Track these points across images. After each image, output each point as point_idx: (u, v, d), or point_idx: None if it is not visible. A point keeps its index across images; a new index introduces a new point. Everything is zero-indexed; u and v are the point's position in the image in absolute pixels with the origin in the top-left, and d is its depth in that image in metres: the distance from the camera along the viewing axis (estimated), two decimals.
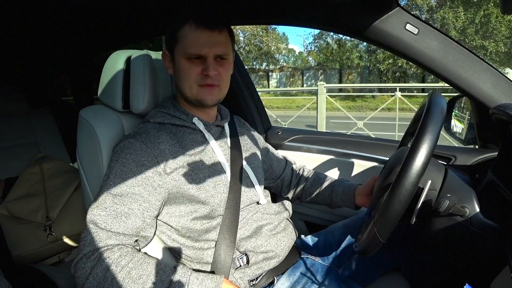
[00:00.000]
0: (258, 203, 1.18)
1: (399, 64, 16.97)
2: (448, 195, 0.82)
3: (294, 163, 1.49)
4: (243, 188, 1.13)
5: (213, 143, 1.11)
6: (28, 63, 2.44)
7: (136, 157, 0.97)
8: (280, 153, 1.50)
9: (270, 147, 1.45)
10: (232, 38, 1.11)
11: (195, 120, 1.11)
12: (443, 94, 0.95)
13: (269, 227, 1.14)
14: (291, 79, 23.15)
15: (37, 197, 1.93)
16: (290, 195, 1.45)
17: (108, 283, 0.83)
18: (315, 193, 1.38)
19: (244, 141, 1.27)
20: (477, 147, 1.33)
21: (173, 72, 1.11)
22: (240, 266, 1.07)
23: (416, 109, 1.24)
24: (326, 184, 1.37)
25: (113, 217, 0.90)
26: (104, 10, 1.49)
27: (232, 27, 1.16)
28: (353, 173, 1.59)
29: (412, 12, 1.06)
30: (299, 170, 1.46)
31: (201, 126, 1.11)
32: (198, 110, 1.14)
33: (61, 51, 2.29)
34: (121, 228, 0.90)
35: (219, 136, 1.16)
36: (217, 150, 1.11)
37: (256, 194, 1.17)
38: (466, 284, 0.67)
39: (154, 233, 1.01)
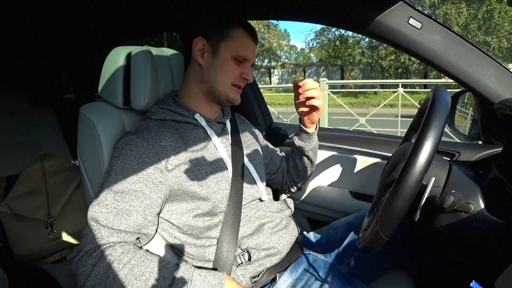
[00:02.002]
0: (260, 200, 1.17)
1: (401, 60, 16.95)
2: (453, 191, 0.81)
3: None
4: (245, 184, 1.12)
5: (215, 139, 1.10)
6: (29, 61, 2.44)
7: (137, 153, 0.96)
8: (283, 149, 1.50)
9: (268, 143, 1.45)
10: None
11: (197, 116, 1.10)
12: None
13: (271, 225, 1.14)
14: (293, 76, 23.15)
15: (38, 195, 1.92)
16: (290, 184, 1.45)
17: (110, 281, 0.82)
18: (292, 158, 1.39)
19: (245, 137, 1.26)
20: (480, 142, 1.32)
21: (206, 62, 1.10)
22: (242, 263, 1.06)
23: (418, 105, 1.23)
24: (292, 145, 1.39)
25: (115, 214, 0.89)
26: (105, 7, 1.48)
27: None
28: (356, 169, 1.59)
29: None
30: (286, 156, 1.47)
31: (203, 122, 1.10)
32: (203, 105, 1.14)
33: (62, 49, 2.29)
34: (122, 225, 0.89)
35: (220, 133, 1.16)
36: (219, 146, 1.10)
37: (258, 190, 1.17)
38: (473, 281, 0.66)
39: (156, 231, 1.01)
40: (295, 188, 1.46)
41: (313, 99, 1.17)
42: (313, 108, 1.21)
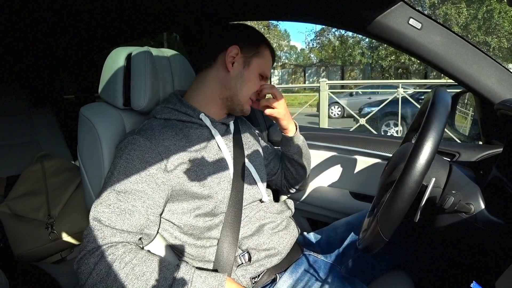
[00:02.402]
0: (261, 201, 1.17)
1: (402, 60, 16.96)
2: (453, 191, 0.81)
3: None
4: (245, 185, 1.12)
5: (219, 139, 1.10)
6: (29, 61, 2.44)
7: (140, 153, 0.96)
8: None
9: (269, 143, 1.45)
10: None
11: (202, 116, 1.10)
12: None
13: (271, 226, 1.13)
14: (293, 76, 23.18)
15: (38, 195, 1.92)
16: (288, 186, 1.45)
17: (111, 279, 0.83)
18: (283, 162, 1.40)
19: (246, 139, 1.26)
20: (481, 143, 1.32)
21: (235, 69, 1.12)
22: (242, 263, 1.06)
23: (418, 106, 1.23)
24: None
25: (117, 214, 0.89)
26: (105, 7, 1.48)
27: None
28: (356, 170, 1.58)
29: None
30: None
31: (207, 122, 1.10)
32: (210, 107, 1.14)
33: (62, 49, 2.28)
34: (125, 225, 0.89)
35: (224, 134, 1.16)
36: (222, 147, 1.10)
37: (258, 191, 1.17)
38: (474, 282, 0.66)
39: (157, 231, 1.01)
40: (293, 189, 1.46)
41: (267, 109, 1.19)
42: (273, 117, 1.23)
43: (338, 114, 12.60)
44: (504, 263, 0.75)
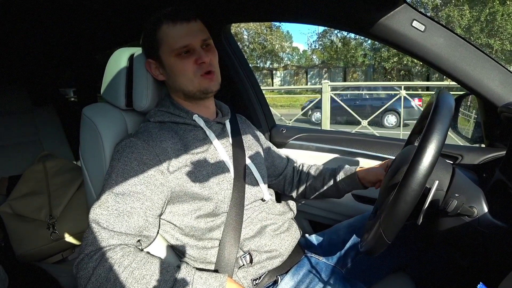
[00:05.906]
0: (262, 200, 1.17)
1: (404, 62, 16.94)
2: (456, 195, 0.80)
3: (295, 162, 1.47)
4: (247, 185, 1.12)
5: (214, 139, 1.10)
6: (31, 61, 2.44)
7: (138, 155, 0.96)
8: (285, 151, 1.49)
9: (271, 145, 1.45)
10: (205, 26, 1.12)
11: (195, 117, 1.10)
12: None
13: (273, 227, 1.13)
14: (295, 78, 23.19)
15: (40, 195, 1.93)
16: (294, 194, 1.43)
17: (111, 284, 0.82)
18: (319, 186, 1.36)
19: (247, 138, 1.26)
20: (484, 146, 1.32)
21: (165, 76, 1.11)
22: (243, 265, 1.06)
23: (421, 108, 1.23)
24: (328, 174, 1.36)
25: (115, 216, 0.89)
26: (107, 7, 1.48)
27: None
28: None
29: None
30: (300, 166, 1.45)
31: (201, 123, 1.10)
32: (197, 106, 1.13)
33: (64, 48, 2.29)
34: (123, 227, 0.89)
35: (220, 133, 1.15)
36: (218, 147, 1.10)
37: (260, 190, 1.16)
38: (480, 283, 0.66)
39: (157, 233, 1.01)
40: (301, 198, 1.46)
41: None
42: None
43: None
44: (507, 266, 0.74)
